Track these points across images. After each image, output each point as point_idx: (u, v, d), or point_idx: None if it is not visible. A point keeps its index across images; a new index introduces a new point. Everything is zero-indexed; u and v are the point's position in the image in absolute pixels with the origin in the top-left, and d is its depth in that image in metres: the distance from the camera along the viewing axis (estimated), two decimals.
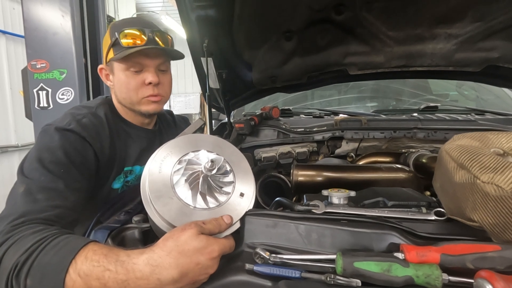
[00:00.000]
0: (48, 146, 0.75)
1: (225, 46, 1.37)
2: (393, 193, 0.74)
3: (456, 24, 1.22)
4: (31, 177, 0.69)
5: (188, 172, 0.59)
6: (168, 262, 0.46)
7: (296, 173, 0.96)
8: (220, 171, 0.62)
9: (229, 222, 0.56)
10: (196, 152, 0.63)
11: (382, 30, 1.28)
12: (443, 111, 1.62)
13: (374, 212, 0.61)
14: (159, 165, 0.60)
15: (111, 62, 0.91)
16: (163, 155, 0.62)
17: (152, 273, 0.45)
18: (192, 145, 0.65)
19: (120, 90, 0.92)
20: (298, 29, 1.30)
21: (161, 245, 0.48)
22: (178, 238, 0.48)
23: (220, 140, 0.69)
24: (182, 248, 0.47)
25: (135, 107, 0.94)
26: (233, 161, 0.65)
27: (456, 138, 0.60)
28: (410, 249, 0.47)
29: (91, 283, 0.45)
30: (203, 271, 0.48)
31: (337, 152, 1.50)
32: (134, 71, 0.90)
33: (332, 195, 0.68)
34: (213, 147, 0.66)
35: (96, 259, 0.47)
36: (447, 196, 0.58)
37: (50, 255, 0.48)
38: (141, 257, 0.47)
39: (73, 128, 0.79)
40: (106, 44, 0.90)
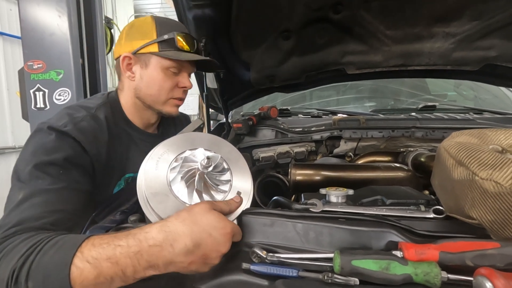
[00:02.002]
0: (43, 147, 0.69)
1: (222, 45, 1.36)
2: (392, 191, 0.73)
3: (454, 22, 1.22)
4: (27, 182, 0.64)
5: (184, 170, 0.59)
6: (182, 230, 0.46)
7: (294, 172, 0.96)
8: (217, 169, 0.62)
9: (238, 201, 0.58)
10: (193, 150, 0.63)
11: (380, 29, 1.28)
12: (441, 111, 1.62)
13: (373, 210, 0.60)
14: (155, 163, 0.60)
15: (146, 55, 0.85)
16: (160, 153, 0.62)
17: (165, 239, 0.45)
18: (189, 143, 0.65)
19: (150, 86, 0.87)
20: (296, 28, 1.30)
21: (175, 216, 0.48)
22: (192, 209, 0.49)
23: (218, 138, 0.70)
24: (195, 217, 0.48)
25: (157, 106, 0.91)
26: (231, 160, 0.65)
27: (455, 135, 0.60)
28: (409, 247, 0.47)
29: (101, 265, 0.44)
30: (215, 246, 0.48)
31: (335, 152, 1.50)
32: (173, 72, 0.88)
33: (330, 193, 0.67)
34: (210, 145, 0.66)
35: (106, 241, 0.46)
36: (445, 193, 0.57)
37: (50, 254, 0.46)
38: (153, 226, 0.47)
39: (68, 131, 0.72)
40: (144, 34, 0.85)
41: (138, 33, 0.86)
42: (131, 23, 0.90)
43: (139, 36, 0.86)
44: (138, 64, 0.87)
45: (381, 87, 2.13)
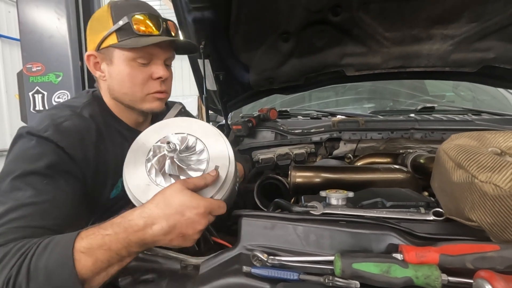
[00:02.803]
0: (24, 154, 0.62)
1: (222, 47, 1.37)
2: (392, 193, 0.73)
3: (452, 24, 1.23)
4: (7, 195, 0.56)
5: (155, 158, 0.61)
6: (157, 213, 0.50)
7: (294, 174, 0.96)
8: (191, 150, 0.63)
9: (214, 175, 0.58)
10: (163, 137, 0.65)
11: (378, 31, 1.29)
12: (440, 112, 1.62)
13: (373, 212, 0.61)
14: (133, 158, 0.63)
15: (108, 49, 0.73)
16: (135, 148, 0.65)
17: (145, 224, 0.49)
18: (161, 131, 0.66)
19: (121, 84, 0.76)
20: (295, 31, 1.30)
21: (151, 200, 0.52)
22: (164, 192, 0.52)
23: (190, 120, 0.69)
24: (168, 201, 0.51)
25: (136, 104, 0.79)
26: (207, 137, 0.65)
27: (454, 137, 0.60)
28: (409, 249, 0.47)
29: (96, 254, 0.47)
30: (190, 225, 0.51)
31: (335, 153, 1.50)
32: (141, 63, 0.75)
33: (330, 196, 0.67)
34: (182, 129, 0.66)
35: (91, 232, 0.49)
36: (445, 196, 0.57)
37: (46, 256, 0.47)
38: (134, 213, 0.51)
39: (49, 136, 0.63)
40: (102, 26, 0.73)
41: (97, 24, 0.75)
42: (92, 15, 0.77)
43: (98, 28, 0.74)
44: (104, 61, 0.76)
45: (380, 89, 2.13)
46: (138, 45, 0.71)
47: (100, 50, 0.74)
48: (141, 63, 0.76)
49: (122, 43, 0.72)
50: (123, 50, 0.73)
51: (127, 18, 0.72)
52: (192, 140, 0.64)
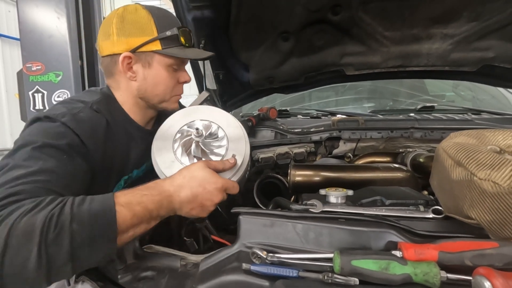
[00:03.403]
0: (45, 132, 0.64)
1: (222, 47, 1.37)
2: (391, 192, 0.73)
3: (452, 24, 1.23)
4: (28, 161, 0.57)
5: (183, 141, 0.70)
6: (184, 184, 0.60)
7: (294, 173, 0.96)
8: (213, 136, 0.72)
9: (233, 162, 0.68)
10: (191, 122, 0.74)
11: (378, 31, 1.29)
12: (439, 111, 1.62)
13: (372, 210, 0.61)
14: (162, 139, 0.73)
15: (147, 53, 0.80)
16: (164, 130, 0.74)
17: (174, 191, 0.59)
18: (188, 117, 0.76)
19: (156, 86, 0.83)
20: (295, 30, 1.31)
21: (178, 173, 0.62)
22: (190, 168, 0.63)
23: (215, 109, 0.78)
24: (192, 174, 0.61)
25: (162, 104, 0.87)
26: (228, 128, 0.74)
27: (453, 135, 0.60)
28: (408, 247, 0.47)
29: (134, 209, 0.53)
30: (209, 197, 0.61)
31: (334, 153, 1.50)
32: (175, 68, 0.84)
33: (329, 194, 0.67)
34: (208, 116, 0.75)
35: (129, 191, 0.56)
36: (444, 194, 0.58)
37: (87, 204, 0.51)
38: (165, 182, 0.61)
39: (66, 122, 0.67)
40: (142, 31, 0.78)
41: (134, 28, 0.78)
42: (120, 15, 0.79)
43: (136, 32, 0.78)
44: (139, 63, 0.81)
45: (379, 88, 2.13)
46: (186, 56, 0.82)
47: (136, 52, 0.79)
48: (174, 69, 0.84)
49: (168, 51, 0.80)
50: (165, 57, 0.81)
51: (176, 30, 0.80)
52: (214, 127, 0.73)
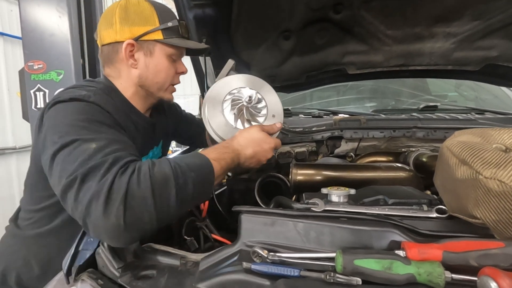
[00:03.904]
0: (82, 110, 0.68)
1: (223, 45, 1.36)
2: (394, 191, 0.72)
3: (455, 22, 1.22)
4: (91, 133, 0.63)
5: (235, 106, 0.83)
6: (246, 144, 0.75)
7: (295, 172, 0.95)
8: (255, 101, 0.84)
9: (279, 126, 0.86)
10: (241, 88, 0.86)
11: (380, 29, 1.28)
12: (442, 111, 1.61)
13: (375, 210, 0.60)
14: (213, 106, 0.84)
15: (149, 42, 0.83)
16: (213, 94, 0.85)
17: (241, 150, 0.75)
18: (232, 84, 0.87)
19: (156, 74, 0.86)
20: (297, 29, 1.30)
21: (240, 134, 0.78)
22: (249, 130, 0.78)
23: (255, 78, 0.90)
24: (252, 136, 0.77)
25: (160, 93, 0.90)
26: (263, 90, 0.87)
27: (457, 134, 0.59)
28: (412, 246, 0.46)
29: (221, 163, 0.69)
30: (264, 154, 0.78)
31: (336, 152, 1.49)
32: (174, 59, 0.89)
33: (331, 193, 0.66)
34: (251, 84, 0.88)
35: (213, 149, 0.71)
36: (448, 193, 0.57)
37: (189, 159, 0.65)
38: (233, 142, 0.76)
39: (95, 101, 0.71)
40: (145, 21, 0.82)
41: (138, 18, 0.82)
42: (123, 6, 0.83)
43: (140, 22, 0.82)
44: (141, 51, 0.84)
45: (381, 88, 2.12)
46: (187, 46, 0.88)
47: (138, 40, 0.83)
48: (173, 59, 0.89)
49: (169, 40, 0.84)
50: (166, 46, 0.85)
51: (176, 21, 0.85)
52: (254, 93, 0.84)
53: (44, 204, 0.85)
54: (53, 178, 0.61)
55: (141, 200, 0.54)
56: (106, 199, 0.53)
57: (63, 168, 0.59)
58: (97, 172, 0.56)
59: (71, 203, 0.56)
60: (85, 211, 0.53)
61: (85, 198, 0.54)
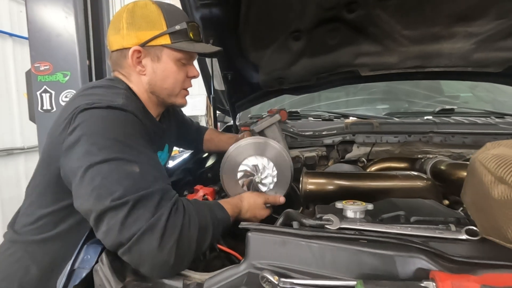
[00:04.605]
0: (122, 122, 0.68)
1: (230, 46, 1.31)
2: (414, 205, 0.67)
3: (477, 22, 1.15)
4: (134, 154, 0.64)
5: (245, 178, 0.92)
6: (248, 203, 0.84)
7: (306, 181, 0.90)
8: (266, 172, 0.90)
9: (282, 200, 0.91)
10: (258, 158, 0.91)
11: (396, 29, 1.21)
12: (459, 114, 1.53)
13: (396, 228, 0.54)
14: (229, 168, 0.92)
15: (156, 47, 0.80)
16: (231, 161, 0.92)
17: (243, 206, 0.83)
18: (247, 152, 0.92)
19: (165, 80, 0.84)
20: (307, 29, 1.24)
21: (242, 197, 0.86)
22: (256, 199, 0.86)
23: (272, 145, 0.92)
24: (251, 200, 0.85)
25: (171, 98, 0.88)
26: (278, 163, 0.91)
27: (490, 146, 0.53)
28: (443, 278, 0.40)
29: (233, 210, 0.78)
30: (258, 217, 0.87)
31: (347, 157, 1.43)
32: (184, 63, 0.85)
33: (347, 208, 0.61)
34: (261, 151, 0.91)
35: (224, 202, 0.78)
36: (481, 213, 0.51)
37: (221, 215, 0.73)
38: (239, 199, 0.84)
39: (134, 111, 0.72)
40: (152, 25, 0.79)
41: (144, 23, 0.79)
42: (130, 10, 0.80)
43: (146, 27, 0.79)
44: (149, 57, 0.82)
45: (394, 89, 2.04)
46: (195, 50, 0.83)
47: (145, 46, 0.80)
48: (183, 63, 0.85)
49: (177, 45, 0.80)
50: (174, 51, 0.81)
51: (185, 24, 0.81)
52: (266, 161, 0.90)
53: (51, 209, 0.81)
54: (83, 191, 0.60)
55: (188, 243, 0.59)
56: (162, 235, 0.55)
57: (104, 185, 0.58)
58: (149, 202, 0.58)
59: (112, 226, 0.56)
60: (135, 240, 0.55)
61: (136, 226, 0.55)
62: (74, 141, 0.65)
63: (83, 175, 0.60)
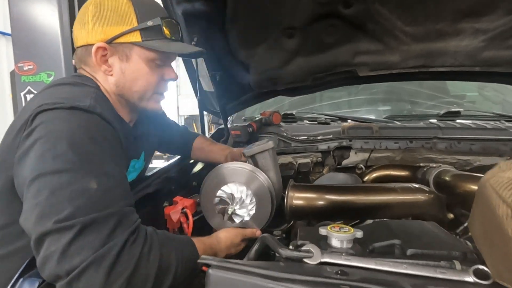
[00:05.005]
0: (86, 128, 0.59)
1: (218, 45, 1.22)
2: (412, 231, 0.57)
3: (486, 17, 1.04)
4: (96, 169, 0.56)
5: (221, 205, 0.85)
6: (225, 241, 0.78)
7: (292, 195, 0.81)
8: (245, 202, 0.83)
9: (259, 233, 0.83)
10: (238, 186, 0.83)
11: (397, 25, 1.11)
12: (466, 117, 1.43)
13: (388, 265, 0.45)
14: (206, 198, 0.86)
15: (125, 45, 0.72)
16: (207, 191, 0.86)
17: (219, 243, 0.76)
18: (225, 180, 0.85)
19: (134, 82, 0.75)
20: (301, 25, 1.15)
21: (219, 234, 0.79)
22: (231, 236, 0.80)
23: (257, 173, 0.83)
24: (232, 241, 0.79)
25: (142, 103, 0.79)
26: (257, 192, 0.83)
27: (505, 167, 0.43)
28: None
29: (201, 250, 0.68)
30: (233, 251, 0.81)
31: (344, 163, 1.34)
32: (159, 64, 0.76)
33: (331, 235, 0.52)
34: (239, 178, 0.84)
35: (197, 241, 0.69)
36: (494, 250, 0.41)
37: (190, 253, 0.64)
38: (215, 237, 0.78)
39: (102, 114, 0.63)
40: (121, 20, 0.71)
41: (113, 16, 0.70)
42: (98, 2, 0.71)
43: (114, 21, 0.70)
44: (116, 55, 0.73)
45: (396, 89, 1.94)
46: (170, 50, 0.74)
47: (112, 43, 0.71)
48: (158, 64, 0.76)
49: (148, 43, 0.72)
50: (145, 50, 0.73)
51: (159, 20, 0.72)
52: (244, 191, 0.82)
53: (6, 222, 0.72)
54: (26, 205, 0.53)
55: (143, 279, 0.52)
56: (110, 271, 0.48)
57: (50, 203, 0.50)
58: (102, 227, 0.50)
59: (51, 253, 0.48)
60: (76, 274, 0.47)
61: (80, 257, 0.47)
62: (29, 146, 0.57)
63: (29, 186, 0.53)
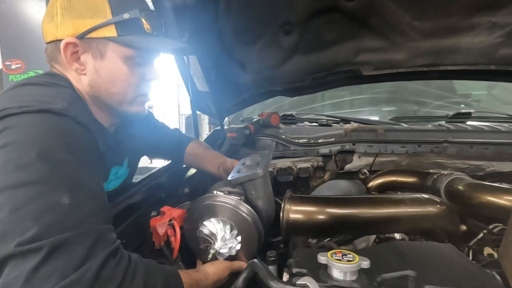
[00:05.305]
0: (56, 133, 0.53)
1: (211, 42, 1.15)
2: (428, 258, 0.49)
3: (503, 10, 0.95)
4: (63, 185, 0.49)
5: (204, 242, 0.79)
6: (212, 277, 0.73)
7: (289, 208, 0.73)
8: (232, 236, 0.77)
9: (244, 266, 0.73)
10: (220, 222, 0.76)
11: (404, 20, 1.03)
12: (477, 119, 1.34)
13: None
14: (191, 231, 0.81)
15: (98, 41, 0.64)
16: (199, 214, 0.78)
17: (205, 279, 0.71)
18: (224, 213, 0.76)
19: (112, 83, 0.68)
20: (300, 21, 1.07)
21: (207, 268, 0.74)
22: (218, 271, 0.75)
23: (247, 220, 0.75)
24: (215, 270, 0.74)
25: (123, 106, 0.71)
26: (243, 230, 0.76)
27: None
28: None
29: (192, 286, 0.66)
30: (220, 284, 0.76)
31: (347, 168, 1.26)
32: (139, 62, 0.69)
33: (332, 265, 0.44)
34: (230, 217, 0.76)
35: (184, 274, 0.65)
36: None
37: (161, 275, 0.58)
38: (203, 272, 0.73)
39: (77, 117, 0.58)
40: (93, 12, 0.63)
41: (84, 8, 0.63)
42: None
43: (86, 14, 0.63)
44: (89, 52, 0.65)
45: (401, 88, 1.85)
46: (149, 47, 0.68)
47: (84, 38, 0.64)
48: (138, 62, 0.69)
49: (125, 39, 0.65)
50: (122, 46, 0.66)
51: (137, 12, 0.65)
52: (228, 228, 0.76)
53: None
54: None
55: None
56: None
57: (12, 221, 0.44)
58: (74, 249, 0.44)
59: (13, 280, 0.41)
60: None
61: (48, 286, 0.41)
62: None
63: None
